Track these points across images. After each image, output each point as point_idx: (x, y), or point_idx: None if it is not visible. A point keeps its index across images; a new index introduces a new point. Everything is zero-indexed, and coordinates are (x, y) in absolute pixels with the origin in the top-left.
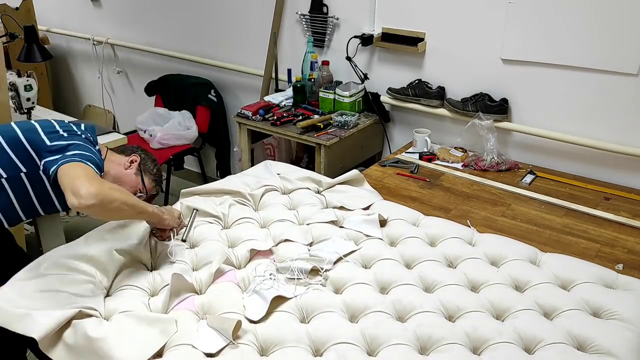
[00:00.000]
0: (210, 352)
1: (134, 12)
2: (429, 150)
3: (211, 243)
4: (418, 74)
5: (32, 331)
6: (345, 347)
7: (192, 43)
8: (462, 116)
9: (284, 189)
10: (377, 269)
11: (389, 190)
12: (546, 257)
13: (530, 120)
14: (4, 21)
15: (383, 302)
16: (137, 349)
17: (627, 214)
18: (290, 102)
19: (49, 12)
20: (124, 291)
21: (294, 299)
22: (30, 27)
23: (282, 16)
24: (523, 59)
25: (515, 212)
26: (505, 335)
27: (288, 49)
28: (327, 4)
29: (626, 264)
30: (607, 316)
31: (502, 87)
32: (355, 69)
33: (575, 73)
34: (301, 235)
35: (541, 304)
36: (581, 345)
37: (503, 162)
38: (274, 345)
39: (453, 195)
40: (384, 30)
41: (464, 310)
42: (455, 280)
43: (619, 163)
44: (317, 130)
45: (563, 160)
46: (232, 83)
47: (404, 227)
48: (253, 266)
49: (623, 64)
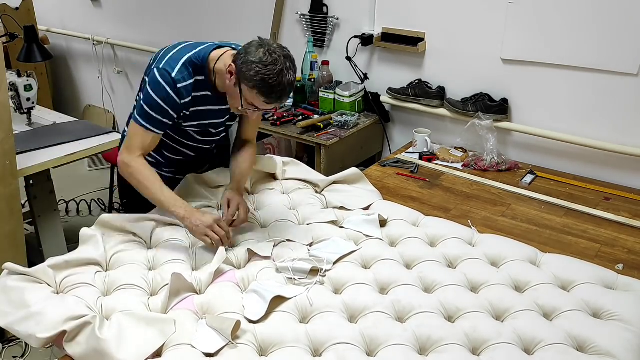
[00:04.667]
0: (209, 352)
1: (134, 12)
2: (429, 150)
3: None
4: (418, 74)
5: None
6: (344, 347)
7: None
8: (462, 116)
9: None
10: (376, 269)
11: (389, 190)
12: (546, 258)
13: (530, 120)
14: (4, 21)
15: (383, 302)
16: (136, 348)
17: (627, 214)
18: (290, 102)
19: (49, 12)
20: (123, 291)
21: (293, 299)
22: (30, 27)
23: (282, 16)
24: (523, 59)
25: (515, 212)
26: (505, 335)
27: (288, 48)
28: (327, 4)
29: (626, 264)
30: (607, 317)
31: (502, 87)
32: (355, 69)
33: (575, 73)
34: (301, 235)
35: (541, 304)
36: (581, 346)
37: (503, 162)
38: (273, 346)
39: (453, 195)
40: (384, 30)
41: (464, 310)
42: (455, 280)
43: (619, 163)
44: (317, 130)
45: (563, 160)
46: None
47: (404, 227)
48: (253, 266)
49: (623, 64)
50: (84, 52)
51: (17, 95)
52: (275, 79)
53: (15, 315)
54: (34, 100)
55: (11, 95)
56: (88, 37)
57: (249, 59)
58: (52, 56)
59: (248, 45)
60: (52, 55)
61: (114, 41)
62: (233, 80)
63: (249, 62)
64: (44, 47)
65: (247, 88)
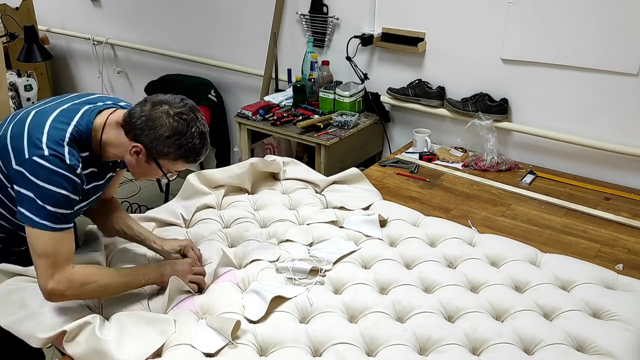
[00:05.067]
0: (209, 352)
1: (134, 12)
2: (429, 150)
3: (210, 243)
4: (418, 74)
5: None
6: (344, 347)
7: (192, 43)
8: (462, 116)
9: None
10: (377, 269)
11: (389, 190)
12: (546, 258)
13: (530, 120)
14: (4, 21)
15: (383, 302)
16: (136, 348)
17: (627, 214)
18: (290, 102)
19: (49, 12)
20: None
21: (293, 299)
22: (30, 27)
23: (282, 16)
24: (523, 59)
25: (515, 212)
26: (505, 335)
27: (288, 49)
28: (327, 4)
29: (626, 264)
30: (607, 317)
31: (502, 87)
32: (355, 69)
33: (576, 73)
34: (301, 235)
35: (541, 304)
36: (581, 346)
37: (503, 162)
38: (273, 346)
39: (453, 195)
40: (384, 30)
41: (464, 310)
42: (455, 280)
43: (619, 163)
44: (317, 130)
45: (563, 160)
46: (232, 83)
47: (404, 227)
48: (253, 266)
49: (623, 64)
50: (84, 52)
51: (17, 95)
52: (199, 141)
53: (16, 315)
54: (34, 100)
55: (11, 95)
56: (88, 37)
57: (161, 135)
58: (52, 56)
59: (147, 114)
60: (52, 55)
61: (114, 41)
62: (143, 159)
63: (163, 138)
64: (44, 47)
65: (168, 161)
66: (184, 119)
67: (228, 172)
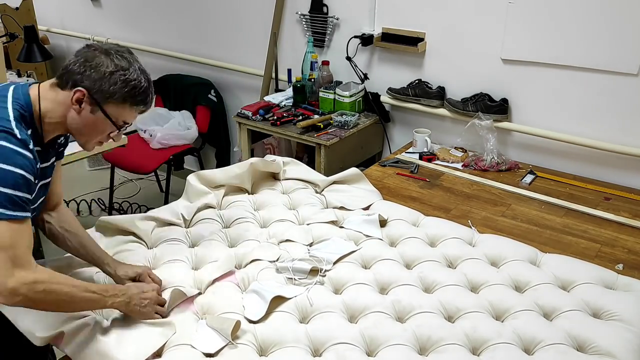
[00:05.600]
0: (210, 352)
1: (134, 12)
2: (429, 150)
3: (210, 243)
4: (418, 74)
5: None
6: (344, 347)
7: (192, 43)
8: (462, 116)
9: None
10: (377, 270)
11: (389, 190)
12: (546, 258)
13: (530, 120)
14: (4, 21)
15: (383, 302)
16: (136, 348)
17: (627, 214)
18: (290, 102)
19: (49, 12)
20: None
21: (293, 299)
22: (30, 27)
23: (282, 16)
24: (523, 59)
25: (515, 212)
26: (505, 336)
27: (288, 49)
28: (327, 4)
29: (626, 264)
30: (607, 317)
31: (502, 87)
32: (355, 69)
33: (576, 73)
34: (301, 235)
35: (541, 304)
36: (581, 346)
37: (503, 162)
38: (273, 346)
39: (453, 195)
40: (384, 30)
41: (464, 310)
42: (455, 280)
43: (619, 163)
44: (317, 130)
45: (563, 160)
46: (232, 83)
47: (404, 227)
48: (253, 266)
49: (623, 64)
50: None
51: None
52: (144, 80)
53: (19, 309)
54: None
55: None
56: (88, 37)
57: (104, 72)
58: (52, 56)
59: (84, 56)
60: (52, 55)
61: (114, 41)
62: (87, 109)
63: (106, 74)
64: (44, 47)
65: (115, 105)
66: (124, 56)
67: (228, 172)
